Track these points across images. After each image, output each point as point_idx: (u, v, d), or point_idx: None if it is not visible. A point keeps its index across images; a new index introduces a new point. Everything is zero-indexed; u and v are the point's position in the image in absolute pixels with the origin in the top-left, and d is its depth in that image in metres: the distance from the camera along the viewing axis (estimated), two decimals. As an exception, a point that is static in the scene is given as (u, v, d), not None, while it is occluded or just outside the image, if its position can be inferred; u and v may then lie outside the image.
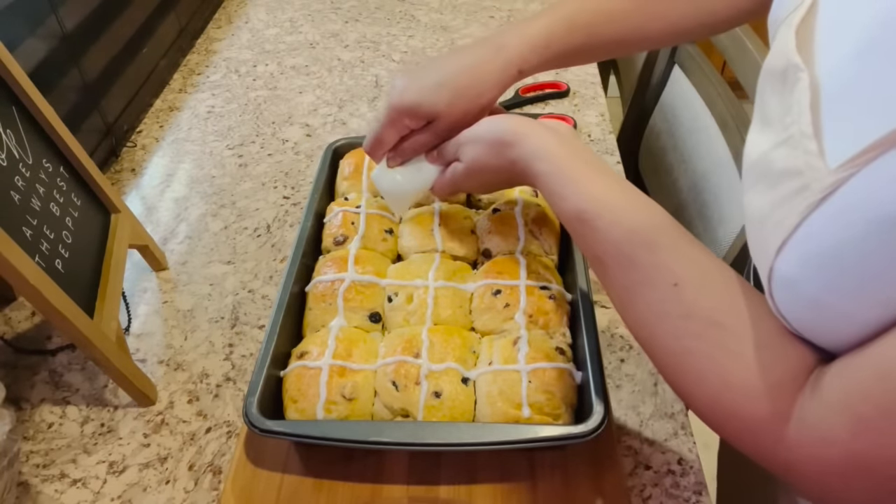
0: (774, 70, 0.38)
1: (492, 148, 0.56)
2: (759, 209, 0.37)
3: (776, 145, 0.36)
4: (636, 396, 0.65)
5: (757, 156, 0.38)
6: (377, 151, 0.66)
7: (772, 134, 0.37)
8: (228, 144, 1.00)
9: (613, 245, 0.45)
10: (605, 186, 0.48)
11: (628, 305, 0.45)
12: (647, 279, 0.43)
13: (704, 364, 0.39)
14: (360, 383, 0.58)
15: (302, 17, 1.32)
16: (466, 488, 0.57)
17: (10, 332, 0.73)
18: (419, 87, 0.60)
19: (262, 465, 0.59)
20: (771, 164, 0.36)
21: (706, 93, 0.98)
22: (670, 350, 0.41)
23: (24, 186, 0.60)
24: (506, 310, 0.62)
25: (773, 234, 0.34)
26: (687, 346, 0.40)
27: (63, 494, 0.59)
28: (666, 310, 0.41)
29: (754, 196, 0.38)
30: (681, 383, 0.41)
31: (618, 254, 0.45)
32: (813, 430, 0.34)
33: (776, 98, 0.37)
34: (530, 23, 0.60)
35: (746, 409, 0.37)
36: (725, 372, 0.38)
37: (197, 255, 0.82)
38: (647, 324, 0.43)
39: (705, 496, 0.58)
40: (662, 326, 0.42)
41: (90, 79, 0.92)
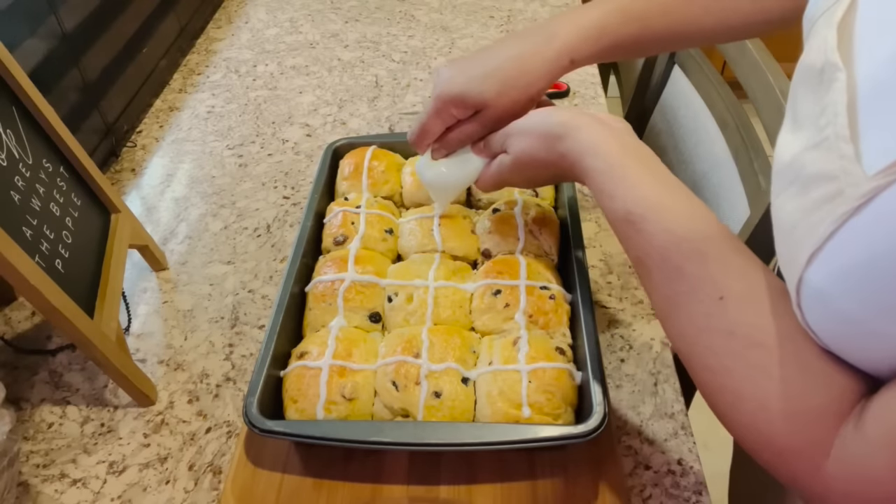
0: (811, 68, 0.36)
1: (541, 141, 0.54)
2: (789, 215, 0.35)
3: (809, 147, 0.34)
4: (636, 396, 0.65)
5: (789, 158, 0.36)
6: (422, 142, 0.64)
7: (804, 135, 0.35)
8: (228, 144, 1.00)
9: (660, 251, 0.43)
10: (657, 188, 0.46)
11: (670, 315, 0.43)
12: (692, 290, 0.41)
13: (743, 385, 0.38)
14: (360, 383, 0.58)
15: (302, 17, 1.32)
16: (466, 488, 0.57)
17: (10, 332, 0.73)
18: (467, 76, 0.58)
19: (262, 465, 0.59)
20: (803, 168, 0.34)
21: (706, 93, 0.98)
22: (709, 367, 0.40)
23: (24, 186, 0.60)
24: (506, 310, 0.62)
25: (803, 242, 0.32)
26: (726, 365, 0.38)
27: (63, 494, 0.59)
28: (708, 324, 0.40)
29: (784, 201, 0.36)
30: (717, 402, 0.40)
31: (663, 261, 0.43)
32: (853, 465, 0.33)
33: (810, 98, 0.35)
34: (582, 12, 0.58)
35: (784, 436, 0.36)
36: (764, 396, 0.36)
37: (197, 255, 0.82)
38: (687, 336, 0.41)
39: (705, 496, 0.58)
40: (703, 341, 0.40)
41: (90, 79, 0.92)
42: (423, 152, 0.66)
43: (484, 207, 0.75)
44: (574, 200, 0.73)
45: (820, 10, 0.38)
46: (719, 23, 0.59)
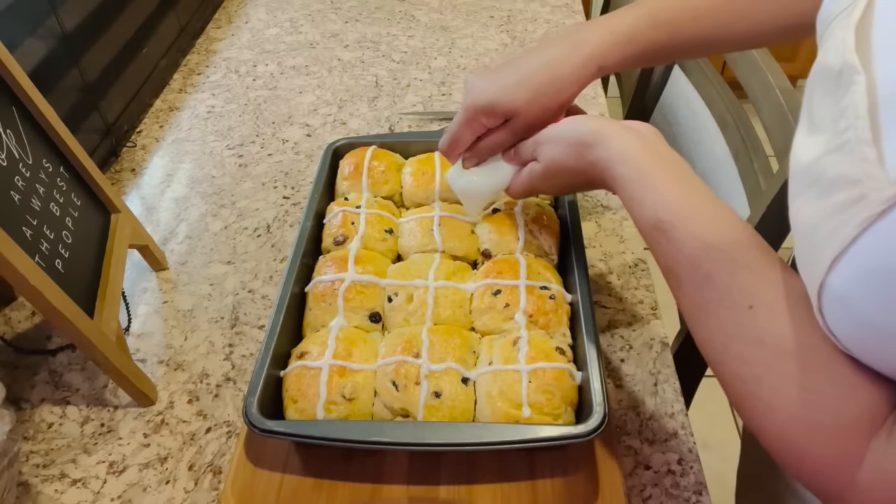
0: (827, 70, 0.35)
1: (571, 148, 0.55)
2: (809, 218, 0.34)
3: (829, 151, 0.33)
4: (636, 396, 0.65)
5: (807, 161, 0.35)
6: (453, 151, 0.65)
7: (822, 138, 0.34)
8: (228, 144, 1.00)
9: (690, 259, 0.43)
10: (688, 195, 0.46)
11: (699, 323, 0.43)
12: (722, 299, 0.41)
13: (773, 396, 0.37)
14: (360, 383, 0.58)
15: (302, 17, 1.32)
16: (466, 488, 0.57)
17: (10, 332, 0.73)
18: (497, 85, 0.59)
19: (262, 465, 0.59)
20: (823, 171, 0.33)
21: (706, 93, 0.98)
22: (738, 375, 0.39)
23: (24, 186, 0.60)
24: (506, 310, 0.62)
25: (825, 246, 0.32)
26: (756, 374, 0.38)
27: (63, 494, 0.59)
28: (738, 333, 0.39)
29: (803, 204, 0.35)
30: (747, 411, 0.39)
31: (693, 269, 0.43)
32: (886, 476, 0.32)
33: (827, 100, 0.35)
34: (611, 18, 0.58)
35: (815, 447, 0.35)
36: (794, 406, 0.36)
37: (197, 255, 0.82)
38: (716, 344, 0.41)
39: (705, 496, 0.58)
40: (733, 350, 0.40)
41: (90, 79, 0.92)
42: (454, 162, 0.67)
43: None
44: (574, 200, 0.73)
45: (835, 12, 0.37)
46: (749, 29, 0.58)
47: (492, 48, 1.19)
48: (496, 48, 1.19)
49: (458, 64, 1.16)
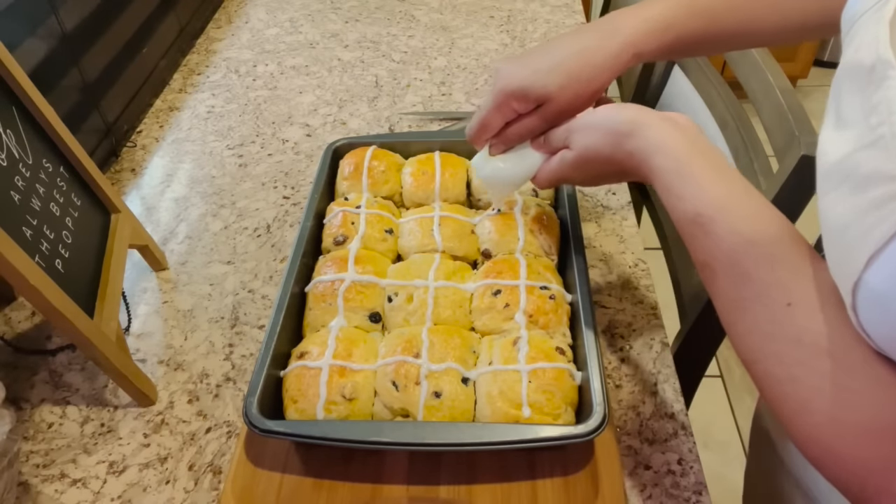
0: (858, 66, 0.34)
1: (608, 137, 0.53)
2: (841, 216, 0.33)
3: (861, 147, 0.32)
4: (636, 396, 0.65)
5: (837, 157, 0.34)
6: (481, 136, 0.63)
7: (852, 134, 0.34)
8: (228, 144, 1.00)
9: (728, 255, 0.42)
10: (728, 189, 0.45)
11: (735, 321, 0.42)
12: (759, 295, 0.40)
13: (810, 395, 0.36)
14: (360, 383, 0.58)
15: (302, 17, 1.32)
16: (466, 488, 0.57)
17: (10, 332, 0.73)
18: (529, 70, 0.58)
19: (262, 465, 0.59)
20: (855, 167, 0.33)
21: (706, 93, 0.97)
22: (774, 375, 0.38)
23: (24, 186, 0.60)
24: (506, 310, 0.62)
25: (860, 243, 0.31)
26: (793, 374, 0.37)
27: (63, 494, 0.59)
28: (775, 331, 0.38)
29: (834, 201, 0.34)
30: (782, 412, 0.38)
31: (731, 264, 0.42)
32: None
33: (857, 97, 0.34)
34: (647, 6, 0.57)
35: (852, 450, 0.35)
36: (832, 407, 0.35)
37: (197, 255, 0.82)
38: (752, 343, 0.40)
39: (705, 496, 0.58)
40: (769, 348, 0.39)
41: (90, 79, 0.92)
42: (480, 147, 0.65)
43: (484, 207, 0.75)
44: (574, 200, 0.73)
45: (862, 9, 0.37)
46: (778, 23, 0.57)
47: (492, 48, 1.19)
48: (496, 48, 1.19)
49: (458, 64, 1.16)
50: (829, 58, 2.82)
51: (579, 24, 1.25)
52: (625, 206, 0.87)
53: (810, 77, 2.65)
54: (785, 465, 0.63)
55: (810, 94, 2.67)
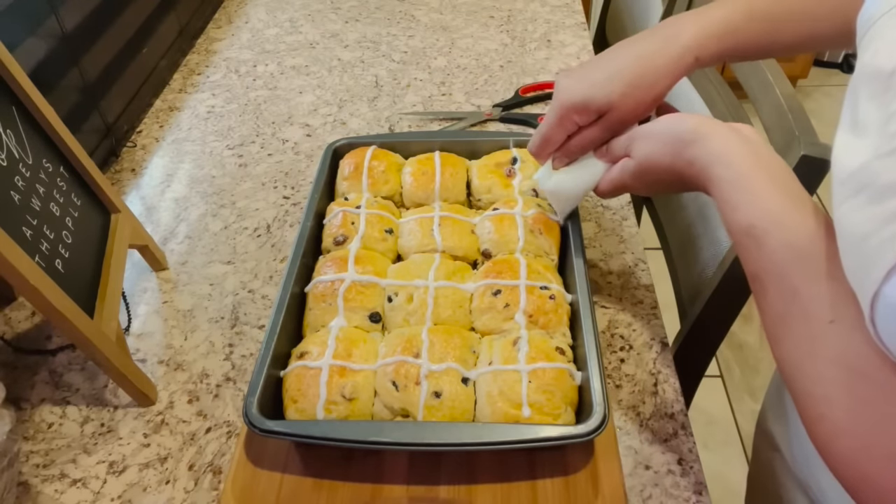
0: (878, 72, 0.34)
1: (668, 146, 0.52)
2: (858, 226, 0.33)
3: (879, 156, 0.32)
4: (636, 396, 0.65)
5: (855, 166, 0.34)
6: (544, 152, 0.64)
7: (870, 142, 0.33)
8: (228, 144, 1.00)
9: (779, 268, 0.41)
10: (784, 202, 0.44)
11: (780, 337, 0.41)
12: (805, 311, 0.39)
13: (845, 417, 0.35)
14: (360, 383, 0.58)
15: (302, 17, 1.32)
16: (466, 488, 0.57)
17: (10, 332, 0.73)
18: (589, 82, 0.58)
19: (262, 465, 0.59)
20: (874, 177, 0.32)
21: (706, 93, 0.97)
22: (811, 394, 0.38)
23: (24, 186, 0.60)
24: (506, 310, 0.62)
25: (879, 255, 0.31)
26: (828, 395, 0.36)
27: (63, 494, 0.59)
28: (814, 349, 0.38)
29: (852, 210, 0.34)
30: (816, 432, 0.38)
31: (781, 279, 0.41)
32: None
33: (874, 103, 0.33)
34: (706, 10, 0.57)
35: (885, 476, 0.34)
36: (867, 432, 0.35)
37: (197, 255, 0.82)
38: (793, 360, 0.39)
39: (705, 496, 0.58)
40: (807, 367, 0.38)
41: (90, 79, 0.92)
42: (543, 162, 0.66)
43: (484, 207, 0.75)
44: (574, 200, 0.73)
45: (880, 11, 0.36)
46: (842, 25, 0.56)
47: (492, 48, 1.19)
48: (496, 48, 1.19)
49: (458, 64, 1.16)
50: (828, 58, 2.82)
51: (579, 23, 1.25)
52: (625, 206, 0.87)
53: (810, 77, 2.65)
54: (788, 468, 0.63)
55: (810, 94, 2.68)
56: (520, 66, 1.14)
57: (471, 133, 0.97)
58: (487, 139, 0.81)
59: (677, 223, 1.02)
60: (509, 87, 1.09)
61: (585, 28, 1.25)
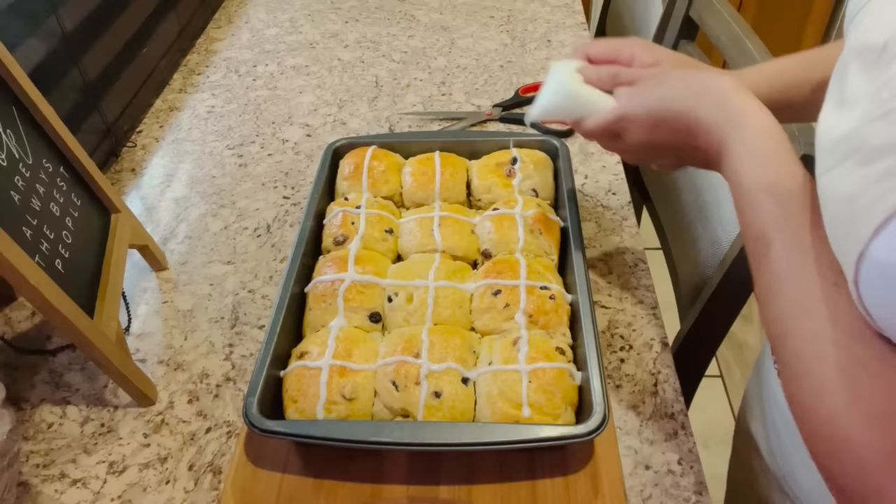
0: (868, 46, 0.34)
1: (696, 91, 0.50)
2: (847, 189, 0.33)
3: (871, 120, 0.32)
4: (636, 396, 0.65)
5: (843, 133, 0.34)
6: (584, 51, 0.62)
7: (860, 111, 0.33)
8: (228, 144, 1.00)
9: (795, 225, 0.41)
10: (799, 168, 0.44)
11: (776, 294, 0.40)
12: (810, 270, 0.39)
13: (835, 374, 0.35)
14: (360, 383, 0.58)
15: (302, 17, 1.32)
16: (466, 488, 0.57)
17: (10, 332, 0.73)
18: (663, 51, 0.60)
19: (262, 465, 0.59)
20: (864, 140, 0.32)
21: (706, 93, 0.97)
22: (801, 353, 0.37)
23: (24, 186, 0.60)
24: (506, 310, 0.62)
25: (868, 214, 0.31)
26: (822, 351, 0.36)
27: (63, 494, 0.59)
28: (813, 309, 0.37)
29: (840, 175, 0.34)
30: (800, 390, 0.37)
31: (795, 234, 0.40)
32: None
33: (864, 76, 0.34)
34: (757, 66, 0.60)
35: (865, 437, 0.33)
36: (857, 389, 0.34)
37: (197, 255, 0.82)
38: (786, 320, 0.39)
39: (705, 496, 0.58)
40: (802, 325, 0.38)
41: (90, 79, 0.92)
42: (578, 58, 0.62)
43: (484, 207, 0.75)
44: (574, 200, 0.73)
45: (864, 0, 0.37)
46: None
47: (492, 48, 1.19)
48: (496, 48, 1.19)
49: (458, 64, 1.16)
50: (829, 58, 2.81)
51: (579, 23, 1.25)
52: (625, 206, 0.87)
53: (810, 77, 2.64)
54: (767, 467, 0.63)
55: (810, 94, 2.67)
56: (520, 66, 1.14)
57: (471, 133, 0.97)
58: (487, 139, 0.81)
59: (677, 223, 1.02)
60: (509, 87, 1.09)
61: (585, 28, 1.25)
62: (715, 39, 0.93)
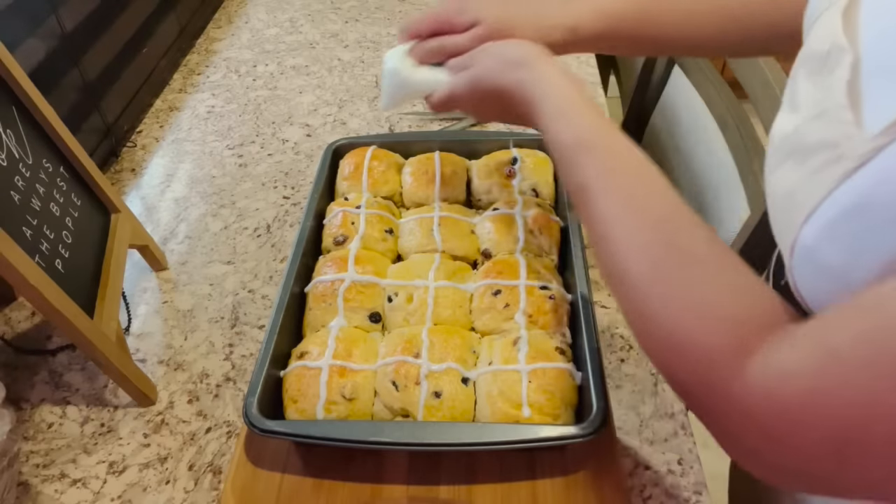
0: (814, 55, 0.38)
1: (502, 63, 0.56)
2: (788, 185, 0.36)
3: (808, 120, 0.35)
4: (636, 396, 0.65)
5: (786, 132, 0.37)
6: (408, 31, 0.66)
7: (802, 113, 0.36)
8: (228, 144, 1.00)
9: (605, 175, 0.45)
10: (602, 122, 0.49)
11: (607, 235, 0.43)
12: (634, 210, 0.43)
13: (675, 289, 0.38)
14: (360, 383, 0.58)
15: (302, 17, 1.32)
16: (466, 488, 0.57)
17: (10, 332, 0.73)
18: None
19: (262, 465, 0.59)
20: (802, 139, 0.35)
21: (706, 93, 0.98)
22: (641, 274, 0.40)
23: (24, 186, 0.60)
24: (506, 310, 0.62)
25: (801, 206, 0.34)
26: (662, 273, 0.39)
27: (63, 494, 0.59)
28: (648, 239, 0.41)
29: (784, 173, 0.37)
30: (639, 309, 0.40)
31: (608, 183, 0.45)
32: (777, 365, 0.33)
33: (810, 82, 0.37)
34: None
35: (709, 336, 0.36)
36: (696, 298, 0.37)
37: (197, 255, 0.82)
38: (621, 251, 0.42)
39: (705, 496, 0.58)
40: (641, 254, 0.41)
41: (90, 79, 0.92)
42: (404, 40, 0.66)
43: (484, 207, 0.75)
44: (574, 200, 0.73)
45: (821, 8, 0.39)
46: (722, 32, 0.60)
47: (492, 48, 1.19)
48: (496, 48, 1.19)
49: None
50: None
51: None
52: (625, 206, 0.86)
53: (810, 77, 2.64)
54: None
55: (810, 94, 2.67)
56: (520, 66, 1.14)
57: (471, 133, 0.97)
58: (487, 139, 0.81)
59: (677, 223, 1.02)
60: (509, 87, 1.09)
61: (585, 28, 1.24)
62: (715, 39, 0.93)
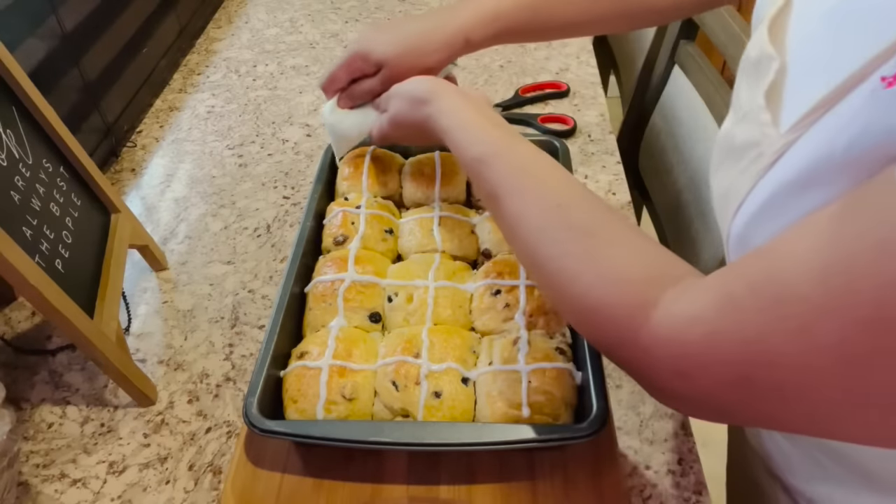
0: (748, 60, 0.42)
1: (410, 103, 0.62)
2: (725, 184, 0.40)
3: (737, 122, 0.40)
4: (636, 396, 0.65)
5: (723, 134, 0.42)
6: (330, 87, 0.72)
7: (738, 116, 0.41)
8: (228, 144, 1.00)
9: (506, 178, 0.50)
10: (503, 134, 0.54)
11: (517, 229, 0.48)
12: (535, 203, 0.47)
13: (580, 264, 0.42)
14: (360, 383, 0.58)
15: (302, 17, 1.32)
16: (466, 488, 0.57)
17: (10, 332, 0.73)
18: (377, 37, 0.68)
19: (262, 465, 0.59)
20: (733, 141, 0.40)
21: (706, 93, 0.98)
22: (550, 256, 0.44)
23: (24, 186, 0.60)
24: (506, 310, 0.62)
25: (732, 201, 0.38)
26: (567, 250, 0.43)
27: (63, 494, 0.59)
28: (550, 224, 0.45)
29: (722, 174, 0.41)
30: (555, 286, 0.44)
31: (510, 185, 0.49)
32: (680, 312, 0.36)
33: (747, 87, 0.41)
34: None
35: (615, 297, 0.40)
36: (600, 268, 0.41)
37: (197, 255, 0.82)
38: (531, 240, 0.46)
39: (705, 496, 0.58)
40: (546, 236, 0.45)
41: (90, 79, 0.92)
42: (330, 97, 0.74)
43: (484, 207, 0.75)
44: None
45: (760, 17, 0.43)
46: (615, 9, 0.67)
47: (491, 48, 1.19)
48: (496, 48, 1.19)
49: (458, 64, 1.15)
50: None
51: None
52: (625, 206, 0.87)
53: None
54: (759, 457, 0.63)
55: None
56: (520, 66, 1.14)
57: (471, 133, 0.97)
58: (487, 139, 0.81)
59: (677, 223, 1.02)
60: (509, 87, 1.09)
61: (585, 28, 1.24)
62: (715, 39, 0.93)
